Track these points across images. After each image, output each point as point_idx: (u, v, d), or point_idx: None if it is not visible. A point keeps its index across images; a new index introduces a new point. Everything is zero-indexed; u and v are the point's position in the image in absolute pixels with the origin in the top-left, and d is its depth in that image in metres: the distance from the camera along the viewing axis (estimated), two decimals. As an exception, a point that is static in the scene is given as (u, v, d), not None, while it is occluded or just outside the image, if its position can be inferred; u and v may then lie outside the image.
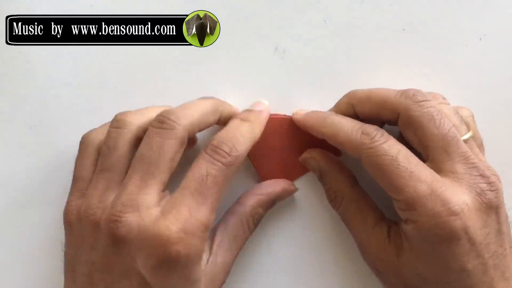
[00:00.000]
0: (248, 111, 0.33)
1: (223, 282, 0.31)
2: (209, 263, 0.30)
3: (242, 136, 0.30)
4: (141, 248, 0.27)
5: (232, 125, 0.31)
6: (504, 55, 0.35)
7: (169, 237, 0.27)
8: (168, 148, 0.28)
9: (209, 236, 0.31)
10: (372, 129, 0.29)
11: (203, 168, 0.28)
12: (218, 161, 0.28)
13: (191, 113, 0.30)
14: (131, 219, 0.27)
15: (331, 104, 0.34)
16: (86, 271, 0.29)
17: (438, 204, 0.27)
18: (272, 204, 0.34)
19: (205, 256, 0.30)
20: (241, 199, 0.33)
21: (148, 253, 0.27)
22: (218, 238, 0.31)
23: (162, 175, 0.29)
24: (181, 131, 0.29)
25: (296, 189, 0.35)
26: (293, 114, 0.34)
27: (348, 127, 0.30)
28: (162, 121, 0.29)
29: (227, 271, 0.31)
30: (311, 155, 0.34)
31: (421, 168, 0.28)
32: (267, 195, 0.33)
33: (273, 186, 0.34)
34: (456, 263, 0.28)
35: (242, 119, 0.31)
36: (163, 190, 0.29)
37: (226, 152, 0.28)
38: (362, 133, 0.29)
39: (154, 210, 0.28)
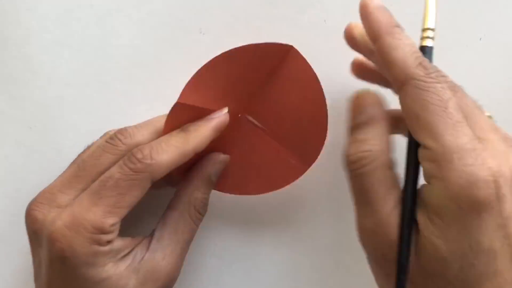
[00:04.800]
0: (196, 121, 0.31)
1: (172, 276, 0.31)
2: (144, 260, 0.29)
3: (167, 146, 0.29)
4: (41, 242, 0.28)
5: (166, 135, 0.30)
6: (504, 55, 0.35)
7: (53, 233, 0.27)
8: (104, 160, 0.29)
9: (150, 234, 0.31)
10: (432, 65, 0.27)
11: (110, 171, 0.28)
12: (126, 165, 0.28)
13: (142, 132, 0.31)
14: (39, 212, 0.29)
15: (331, 102, 0.33)
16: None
17: (478, 160, 0.24)
18: (210, 183, 0.32)
19: (139, 254, 0.30)
20: (176, 192, 0.32)
21: (45, 249, 0.28)
22: (156, 234, 0.31)
23: (90, 182, 0.29)
24: (123, 149, 0.30)
25: (227, 157, 0.33)
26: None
27: (409, 49, 0.27)
28: (111, 138, 0.30)
29: (173, 264, 0.30)
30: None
31: (465, 125, 0.25)
32: (198, 177, 0.32)
33: (203, 165, 0.32)
34: (486, 239, 0.24)
35: (181, 129, 0.31)
36: None
37: (137, 159, 0.28)
38: (420, 63, 0.26)
39: (63, 209, 0.29)
